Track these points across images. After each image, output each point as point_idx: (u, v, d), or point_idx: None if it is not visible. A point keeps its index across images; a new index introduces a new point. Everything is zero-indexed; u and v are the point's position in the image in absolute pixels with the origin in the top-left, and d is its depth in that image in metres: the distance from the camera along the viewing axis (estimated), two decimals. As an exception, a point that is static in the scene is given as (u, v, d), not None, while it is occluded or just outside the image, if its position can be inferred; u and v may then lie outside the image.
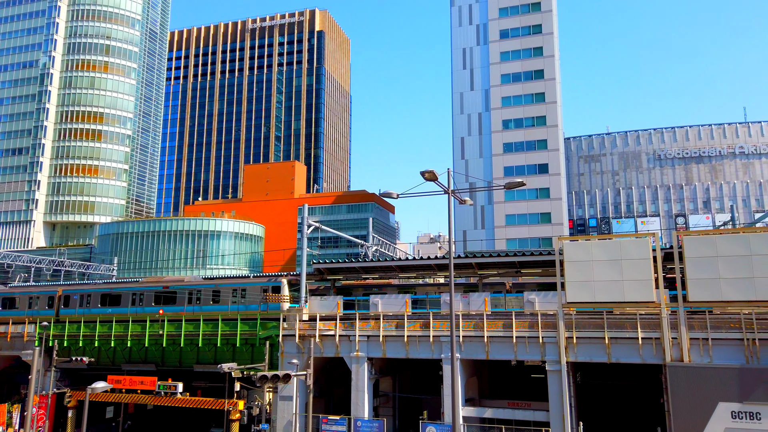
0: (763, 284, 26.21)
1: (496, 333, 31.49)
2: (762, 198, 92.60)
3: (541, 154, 75.35)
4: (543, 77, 77.15)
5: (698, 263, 27.50)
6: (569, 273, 29.73)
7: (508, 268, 38.82)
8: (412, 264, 40.06)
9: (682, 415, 26.39)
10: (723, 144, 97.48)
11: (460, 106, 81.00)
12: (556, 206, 73.63)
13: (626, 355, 28.86)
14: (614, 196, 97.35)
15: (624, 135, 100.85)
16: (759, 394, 25.37)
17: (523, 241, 72.90)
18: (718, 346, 27.21)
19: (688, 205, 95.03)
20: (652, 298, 28.10)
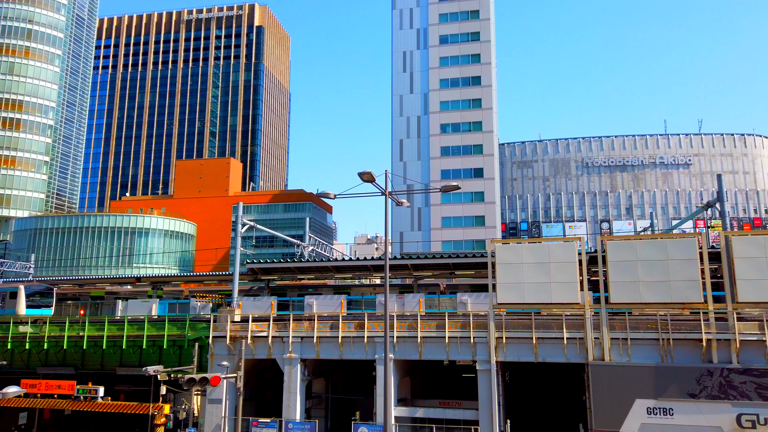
0: (678, 287, 27.86)
1: (429, 333, 31.86)
2: (679, 206, 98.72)
3: (476, 158, 77.11)
4: (480, 84, 79.01)
5: (620, 267, 28.90)
6: (500, 275, 30.54)
7: (442, 269, 39.44)
8: (349, 265, 39.94)
9: (601, 411, 27.64)
10: (645, 154, 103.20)
11: (400, 109, 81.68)
12: (490, 210, 75.55)
13: (552, 355, 29.92)
14: (545, 201, 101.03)
15: (555, 142, 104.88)
16: (672, 391, 26.94)
17: (458, 243, 74.34)
18: (636, 345, 28.67)
19: (612, 211, 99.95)
20: (577, 299, 29.29)
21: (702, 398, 26.53)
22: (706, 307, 27.47)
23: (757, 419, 25.67)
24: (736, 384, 26.32)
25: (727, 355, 27.16)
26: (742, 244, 27.71)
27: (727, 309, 27.37)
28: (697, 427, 26.41)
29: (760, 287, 26.83)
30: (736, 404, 26.08)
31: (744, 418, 25.79)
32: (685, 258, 28.04)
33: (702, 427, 26.34)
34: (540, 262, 30.08)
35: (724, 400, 26.25)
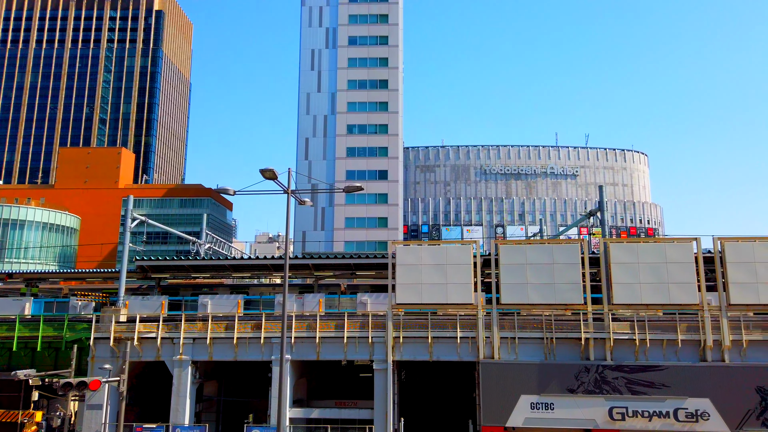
0: (562, 289, 29.80)
1: (328, 334, 31.73)
2: (566, 214, 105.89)
3: (381, 160, 78.07)
4: (387, 87, 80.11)
5: (511, 269, 30.42)
6: (400, 276, 31.09)
7: (344, 269, 39.43)
8: (247, 264, 38.84)
9: (490, 407, 28.91)
10: (537, 164, 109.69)
11: (307, 107, 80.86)
12: (392, 212, 76.78)
13: (446, 354, 30.86)
14: (445, 205, 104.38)
15: (456, 149, 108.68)
16: (553, 387, 28.74)
17: (360, 244, 74.79)
18: (523, 344, 30.29)
19: (506, 217, 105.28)
20: (471, 300, 30.46)
21: (579, 393, 28.54)
22: (586, 308, 29.60)
23: (626, 411, 28.02)
24: (609, 379, 28.57)
25: (602, 353, 29.42)
26: (618, 250, 30.16)
27: (603, 310, 29.66)
28: (575, 420, 28.38)
29: (632, 290, 29.34)
30: (609, 398, 28.33)
31: (615, 411, 28.06)
32: (569, 262, 30.05)
33: (578, 419, 28.34)
34: (438, 263, 30.96)
35: (599, 395, 28.41)
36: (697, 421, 27.57)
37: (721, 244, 29.51)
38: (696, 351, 29.06)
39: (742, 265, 28.93)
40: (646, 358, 29.10)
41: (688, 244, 29.84)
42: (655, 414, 27.84)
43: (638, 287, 29.30)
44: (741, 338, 28.52)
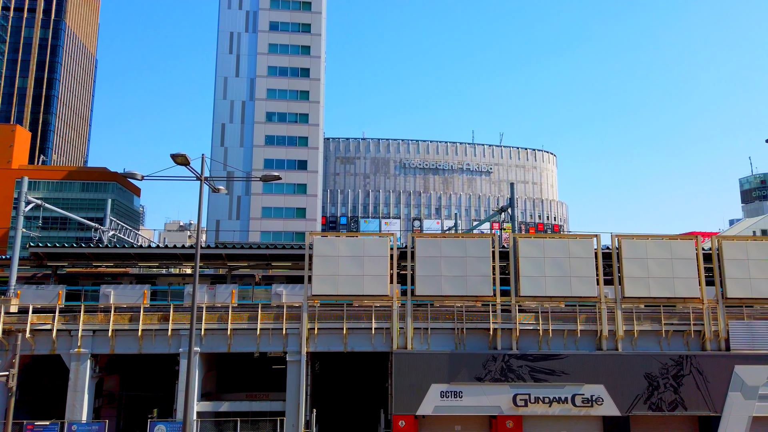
0: (473, 282, 30.82)
1: (240, 325, 30.99)
2: (480, 209, 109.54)
3: (301, 150, 77.03)
4: (309, 76, 79.02)
5: (426, 262, 31.06)
6: (316, 267, 30.89)
7: (259, 260, 38.60)
8: (155, 252, 37.11)
9: (401, 396, 29.45)
10: (455, 160, 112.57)
11: (224, 92, 78.17)
12: (311, 202, 76.06)
13: (361, 344, 31.06)
14: (364, 197, 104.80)
15: (377, 142, 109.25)
16: (462, 376, 29.72)
17: (277, 234, 73.54)
18: (435, 334, 31.06)
19: (424, 211, 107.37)
20: (387, 292, 30.83)
21: (487, 381, 29.70)
22: (495, 300, 30.80)
23: (529, 398, 29.49)
24: (514, 368, 29.93)
25: (508, 343, 30.76)
26: (526, 245, 31.59)
27: (511, 302, 31.00)
28: (481, 407, 29.52)
29: (537, 283, 30.86)
30: (514, 385, 29.69)
31: (519, 398, 29.45)
32: (481, 256, 31.12)
33: (485, 406, 29.50)
34: (355, 255, 31.05)
35: (504, 383, 29.70)
36: (592, 406, 29.51)
37: (618, 241, 31.66)
38: (593, 340, 31.06)
39: (636, 261, 31.19)
40: (549, 348, 30.75)
41: (590, 240, 31.77)
42: (555, 400, 29.51)
43: (543, 280, 30.86)
44: (633, 329, 30.79)
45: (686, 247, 31.58)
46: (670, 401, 29.70)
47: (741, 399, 29.64)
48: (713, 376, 29.91)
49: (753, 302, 31.65)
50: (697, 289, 30.96)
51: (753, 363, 30.05)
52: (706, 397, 29.73)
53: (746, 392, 29.71)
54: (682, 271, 31.06)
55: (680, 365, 30.05)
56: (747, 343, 30.61)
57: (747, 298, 31.26)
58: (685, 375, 29.94)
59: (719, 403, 29.66)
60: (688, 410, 29.73)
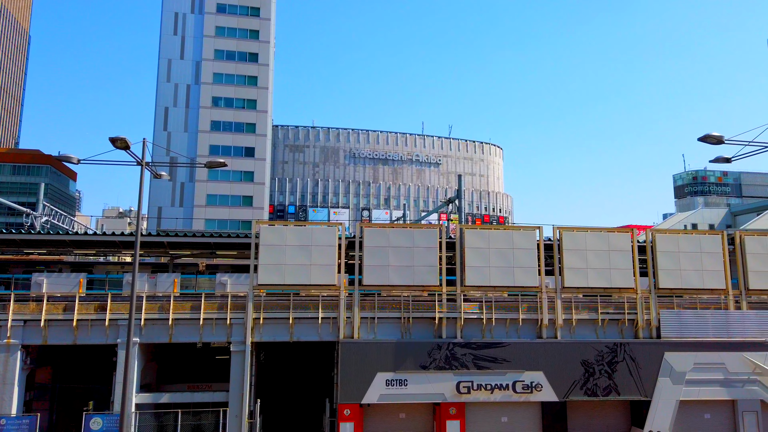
0: (420, 272, 31.15)
1: (183, 315, 30.21)
2: (428, 200, 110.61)
3: (248, 137, 75.45)
4: (257, 61, 77.33)
5: (374, 252, 31.13)
6: (263, 256, 30.45)
7: (203, 248, 37.67)
8: (92, 240, 35.57)
9: (347, 385, 29.52)
10: (404, 151, 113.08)
11: (167, 74, 75.49)
12: (258, 190, 74.76)
13: (307, 334, 30.89)
14: (313, 186, 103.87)
15: (327, 131, 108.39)
16: (408, 364, 30.05)
17: (222, 223, 71.98)
18: (382, 324, 31.24)
19: (373, 201, 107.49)
20: (335, 281, 30.75)
21: (431, 369, 30.16)
22: (441, 290, 31.25)
23: (472, 385, 30.16)
24: (458, 356, 30.51)
25: (453, 332, 31.30)
26: (472, 236, 32.15)
27: (456, 291, 31.52)
28: (425, 395, 29.98)
29: (482, 273, 31.49)
30: (457, 373, 30.28)
31: (462, 385, 30.07)
32: (428, 246, 31.46)
33: (429, 394, 29.98)
34: (303, 245, 30.78)
35: (448, 370, 30.25)
36: (531, 392, 30.48)
37: (560, 232, 32.68)
38: (534, 329, 32.03)
39: (576, 252, 32.31)
40: (492, 336, 31.49)
41: (532, 232, 32.65)
42: (497, 387, 30.30)
43: (488, 270, 31.52)
44: (572, 317, 31.93)
45: (623, 239, 32.94)
46: (604, 387, 31.04)
47: (670, 384, 31.30)
48: (645, 362, 31.44)
49: (682, 292, 33.40)
50: (632, 279, 32.39)
51: (681, 350, 31.76)
52: (637, 383, 31.23)
53: (674, 377, 31.40)
54: (619, 263, 32.41)
55: (615, 352, 31.42)
56: (676, 331, 32.30)
57: (677, 289, 32.95)
58: (618, 362, 31.33)
59: (650, 388, 31.23)
60: (621, 395, 31.17)
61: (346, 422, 29.10)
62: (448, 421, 29.92)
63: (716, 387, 31.66)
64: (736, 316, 32.72)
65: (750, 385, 31.81)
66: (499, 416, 31.09)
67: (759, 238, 34.52)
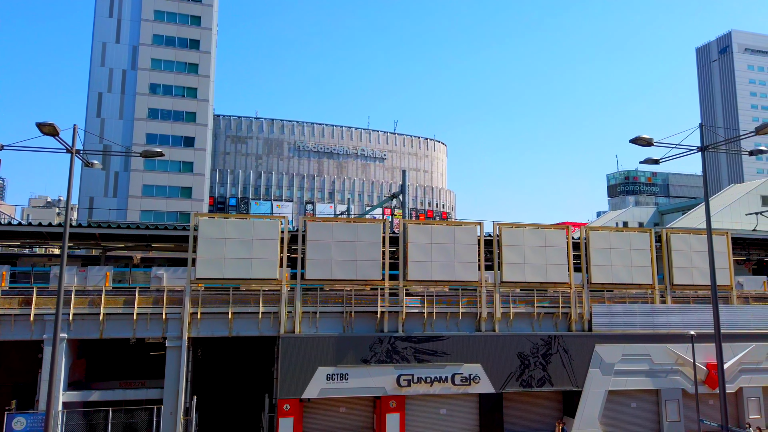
0: (363, 266, 31.18)
1: (115, 310, 29.01)
2: (373, 195, 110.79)
3: (188, 126, 73.11)
4: (199, 48, 74.99)
5: (317, 246, 30.90)
6: (202, 249, 29.65)
7: (137, 241, 36.27)
8: (16, 230, 33.57)
9: (287, 380, 29.23)
10: (350, 145, 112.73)
11: (102, 58, 72.02)
12: (198, 182, 72.66)
13: (247, 329, 30.33)
14: (256, 179, 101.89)
15: (271, 122, 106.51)
16: (349, 358, 30.07)
17: (159, 214, 69.52)
18: (324, 318, 31.09)
19: (317, 194, 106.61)
20: (276, 275, 30.32)
21: (373, 363, 30.30)
22: (384, 284, 31.40)
23: (412, 378, 30.51)
24: (399, 349, 30.78)
25: (395, 325, 31.54)
26: (415, 231, 32.46)
27: (399, 286, 31.76)
28: (366, 389, 30.10)
29: (425, 268, 31.86)
30: (398, 367, 30.55)
31: (402, 378, 30.37)
32: (372, 241, 31.53)
33: (370, 387, 30.11)
34: (244, 238, 30.18)
35: (390, 364, 30.48)
36: (470, 384, 31.17)
37: (499, 228, 33.49)
38: (473, 322, 32.73)
39: (514, 248, 33.22)
40: (432, 329, 31.94)
41: (473, 227, 33.30)
42: (436, 379, 30.80)
43: (430, 265, 31.93)
44: (509, 311, 32.83)
45: (558, 235, 34.12)
46: (539, 378, 32.13)
47: (599, 375, 32.76)
48: (577, 354, 32.75)
49: (613, 287, 34.97)
50: (566, 274, 33.62)
51: (610, 342, 33.29)
52: (570, 374, 32.50)
53: (604, 368, 32.88)
54: (554, 258, 33.56)
55: (549, 345, 32.57)
56: (606, 324, 33.81)
57: (608, 283, 34.47)
58: (552, 354, 32.50)
59: (581, 379, 32.57)
60: (555, 386, 32.37)
61: (285, 417, 28.82)
62: (388, 414, 30.17)
63: (642, 377, 33.39)
64: (661, 310, 34.59)
65: (673, 375, 33.74)
66: (438, 409, 31.63)
67: (683, 235, 36.59)
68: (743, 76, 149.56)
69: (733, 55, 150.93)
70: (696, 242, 36.07)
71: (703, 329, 33.50)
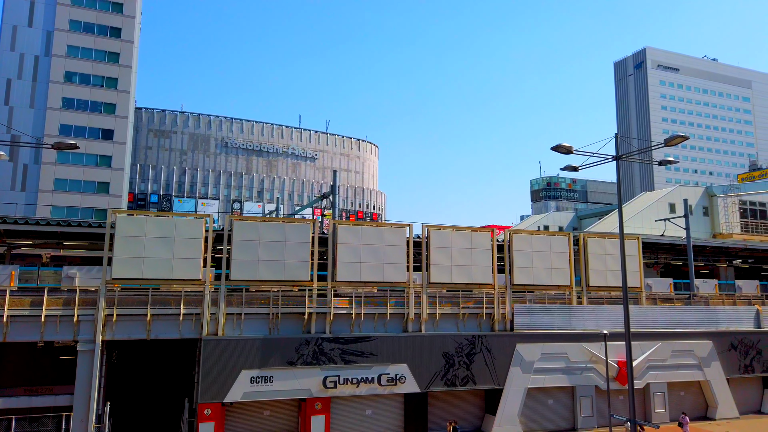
0: (292, 267, 30.70)
1: (20, 312, 27.02)
2: (303, 194, 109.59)
3: (107, 118, 69.32)
4: (120, 37, 71.27)
5: (243, 246, 30.11)
6: (119, 248, 28.20)
7: (47, 238, 34.03)
8: None
9: (209, 384, 28.28)
10: (280, 143, 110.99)
11: (12, 42, 66.98)
12: (117, 177, 69.04)
13: (167, 331, 29.11)
14: (180, 175, 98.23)
15: (197, 117, 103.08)
16: (274, 360, 29.51)
17: (73, 211, 65.45)
18: (249, 320, 30.33)
19: (245, 193, 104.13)
20: (199, 276, 29.28)
21: (299, 365, 29.89)
22: (312, 285, 31.06)
23: (338, 379, 30.36)
24: (326, 351, 30.55)
25: (323, 327, 31.28)
26: (345, 232, 32.35)
27: (327, 287, 31.51)
28: (291, 391, 29.65)
29: (354, 269, 31.81)
30: (325, 368, 30.31)
31: (329, 380, 30.16)
32: (300, 241, 31.11)
33: (295, 390, 29.69)
34: (165, 237, 28.97)
35: (316, 365, 30.18)
36: (396, 385, 31.40)
37: (428, 230, 33.99)
38: (401, 323, 33.00)
39: (442, 249, 33.81)
40: (360, 330, 31.94)
41: (403, 229, 33.61)
42: (363, 380, 30.80)
43: (359, 266, 31.92)
44: (436, 312, 33.37)
45: (484, 238, 35.06)
46: (462, 377, 32.86)
47: (520, 373, 33.93)
48: (499, 353, 33.77)
49: (534, 288, 36.35)
50: (491, 276, 34.61)
51: (531, 341, 34.57)
52: (492, 373, 33.46)
53: (524, 367, 34.09)
54: (480, 260, 34.46)
55: (473, 344, 33.38)
56: (527, 324, 35.08)
57: (529, 285, 35.78)
58: (476, 353, 33.33)
59: (503, 377, 33.61)
60: (478, 384, 33.21)
61: (206, 422, 27.88)
62: (314, 416, 29.87)
63: (559, 375, 34.89)
64: (577, 310, 36.30)
65: (587, 372, 35.48)
66: (364, 409, 31.65)
67: (599, 240, 38.61)
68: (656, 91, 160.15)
69: (647, 70, 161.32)
70: (610, 246, 38.15)
71: (616, 328, 35.47)
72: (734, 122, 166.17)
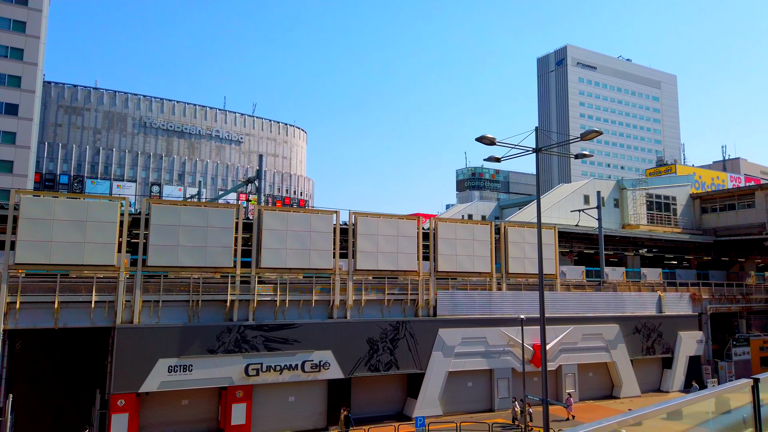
0: (214, 253, 29.81)
1: None
2: (228, 178, 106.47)
3: (11, 91, 64.07)
4: (27, 4, 65.85)
5: (162, 230, 28.89)
6: (23, 231, 26.29)
7: (-61, 219, 31.06)
8: None
9: (123, 374, 27.09)
10: (203, 125, 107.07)
11: None
12: (21, 155, 64.10)
13: (77, 320, 27.55)
14: (93, 155, 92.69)
15: (112, 94, 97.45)
16: (194, 349, 28.66)
17: (-29, 190, 60.18)
18: (167, 307, 29.23)
19: (165, 176, 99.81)
20: (113, 261, 27.85)
21: (220, 353, 29.20)
22: (235, 272, 30.32)
23: (261, 367, 29.94)
24: (249, 338, 30.01)
25: (245, 314, 30.67)
26: (270, 217, 31.75)
27: (251, 273, 30.88)
28: (212, 379, 28.96)
29: (279, 255, 31.33)
30: (247, 356, 29.79)
31: (251, 367, 29.68)
32: (223, 226, 30.24)
33: (216, 378, 29.01)
34: (76, 220, 27.29)
35: (238, 353, 29.60)
36: (319, 371, 31.39)
37: (355, 217, 34.01)
38: (326, 310, 32.95)
39: (369, 236, 33.97)
40: (285, 317, 31.60)
41: (330, 216, 33.44)
42: (286, 367, 30.55)
43: (284, 252, 31.47)
44: (361, 298, 33.56)
45: (410, 226, 35.55)
46: (386, 362, 33.33)
47: (441, 357, 34.85)
48: (422, 338, 34.50)
49: (456, 275, 37.33)
50: (416, 263, 35.18)
51: (452, 326, 35.55)
52: (415, 357, 34.15)
53: (445, 351, 35.04)
54: (405, 247, 34.92)
55: (397, 330, 33.90)
56: (450, 309, 36.02)
57: (453, 272, 36.71)
58: (400, 338, 33.89)
59: (425, 362, 34.39)
60: (401, 369, 33.81)
61: (119, 414, 26.71)
62: (234, 404, 29.36)
63: (479, 358, 36.16)
64: (497, 296, 37.66)
65: (504, 355, 36.97)
66: (287, 396, 31.46)
67: (518, 229, 40.15)
68: (575, 88, 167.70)
69: (567, 68, 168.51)
70: (529, 235, 39.78)
71: (532, 313, 37.09)
72: (644, 120, 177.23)
